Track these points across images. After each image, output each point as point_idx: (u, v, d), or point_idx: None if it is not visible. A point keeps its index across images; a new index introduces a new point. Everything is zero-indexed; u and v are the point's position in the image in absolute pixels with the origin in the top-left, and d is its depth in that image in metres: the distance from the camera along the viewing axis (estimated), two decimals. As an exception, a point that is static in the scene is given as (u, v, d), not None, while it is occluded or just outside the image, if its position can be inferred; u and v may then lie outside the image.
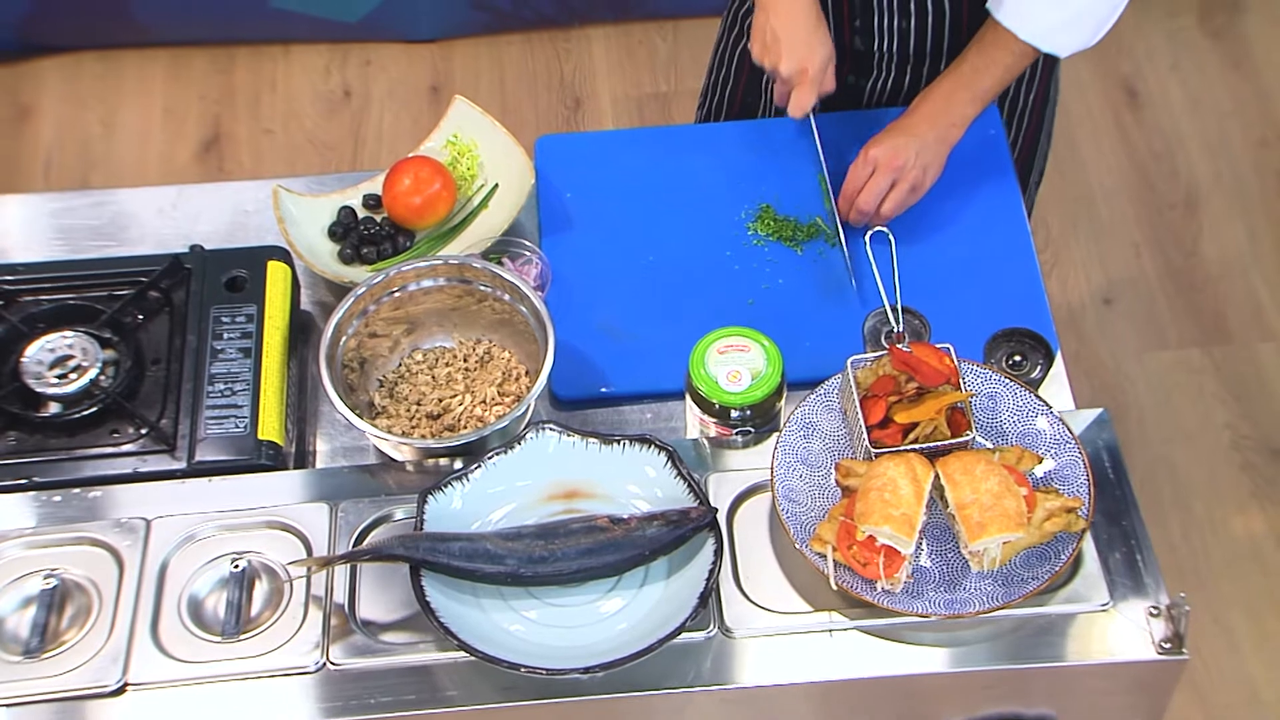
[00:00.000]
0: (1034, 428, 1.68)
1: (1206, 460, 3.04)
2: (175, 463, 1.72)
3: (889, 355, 1.66)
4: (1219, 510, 2.98)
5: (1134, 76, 3.72)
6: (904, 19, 2.04)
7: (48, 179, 3.58)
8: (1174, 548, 2.93)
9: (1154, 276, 3.33)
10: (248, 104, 3.72)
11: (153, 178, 3.56)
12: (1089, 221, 3.43)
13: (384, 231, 1.99)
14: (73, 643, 1.59)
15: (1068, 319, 3.26)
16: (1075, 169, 3.53)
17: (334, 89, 3.74)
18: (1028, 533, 1.56)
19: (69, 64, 3.81)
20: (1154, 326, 3.25)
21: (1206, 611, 2.84)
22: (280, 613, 1.60)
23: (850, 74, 2.13)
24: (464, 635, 1.52)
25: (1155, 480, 3.02)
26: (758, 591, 1.61)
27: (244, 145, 3.63)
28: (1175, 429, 3.09)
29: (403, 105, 3.68)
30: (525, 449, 1.67)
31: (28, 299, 1.87)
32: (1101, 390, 3.14)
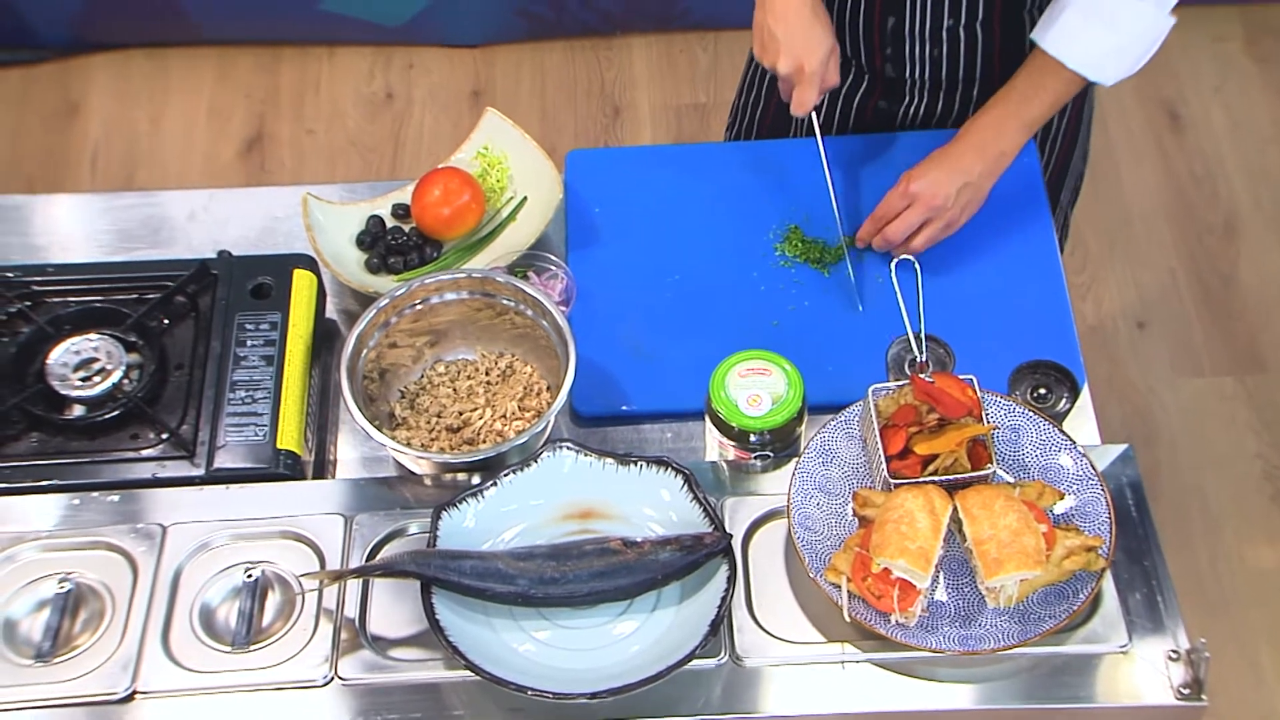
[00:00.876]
0: (1056, 462, 1.64)
1: (1237, 490, 2.98)
2: (194, 469, 1.70)
3: (911, 385, 1.62)
4: (1248, 541, 2.92)
5: (1177, 99, 3.65)
6: (935, 47, 1.99)
7: (94, 175, 3.59)
8: (1201, 577, 2.87)
9: (1189, 301, 3.26)
10: (292, 104, 3.70)
11: (196, 176, 3.56)
12: (1126, 243, 3.37)
13: (412, 242, 1.97)
14: (84, 648, 1.57)
15: (1101, 341, 3.21)
16: (1114, 190, 3.47)
17: (377, 91, 3.72)
18: (1046, 571, 1.52)
19: (119, 61, 3.82)
20: (1188, 352, 3.19)
21: (1232, 643, 2.78)
22: (291, 624, 1.58)
23: (882, 99, 2.09)
24: (472, 655, 1.49)
25: (1185, 508, 2.96)
26: (771, 620, 1.58)
27: (286, 145, 3.62)
28: (1206, 457, 3.03)
29: (443, 109, 3.66)
30: (541, 467, 1.64)
31: (55, 300, 1.85)
32: (1133, 415, 3.08)
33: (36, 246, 2.01)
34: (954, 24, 1.96)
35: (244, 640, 1.56)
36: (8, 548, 1.63)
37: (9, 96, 3.77)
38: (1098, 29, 1.82)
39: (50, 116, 3.73)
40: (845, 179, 2.03)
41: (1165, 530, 2.86)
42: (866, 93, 2.07)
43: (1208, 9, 3.75)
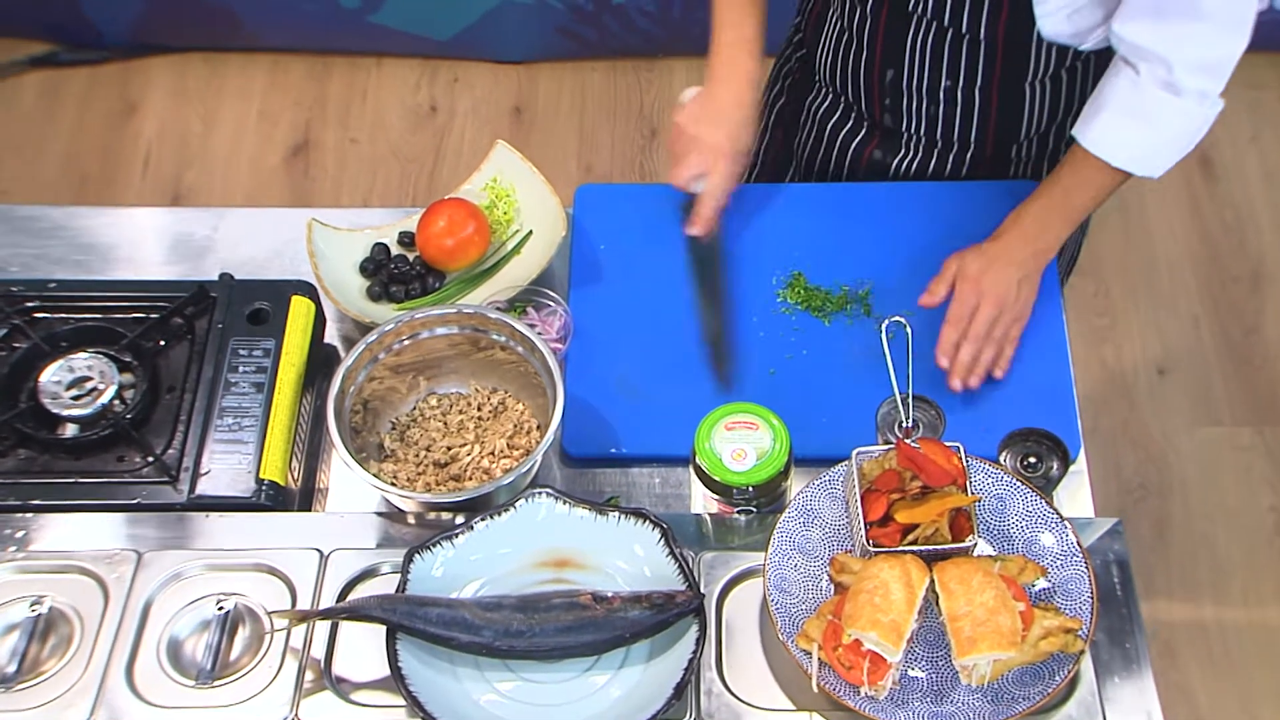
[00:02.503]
0: (1040, 536, 1.53)
1: (1248, 543, 2.85)
2: (176, 495, 1.63)
3: (896, 449, 1.52)
4: (1256, 596, 2.79)
5: (1210, 146, 3.51)
6: (932, 104, 1.89)
7: (145, 174, 3.54)
8: (1206, 630, 2.74)
9: (1211, 350, 3.13)
10: (338, 113, 3.64)
11: (241, 179, 3.50)
12: (1150, 289, 3.24)
13: (415, 271, 1.89)
14: (50, 674, 1.50)
15: (1120, 386, 3.08)
16: (1142, 234, 3.34)
17: (421, 103, 3.65)
18: (1021, 652, 1.42)
19: (176, 64, 3.77)
20: (1207, 401, 3.06)
21: (1235, 699, 2.66)
22: (258, 661, 1.50)
23: (878, 149, 1.98)
24: (432, 706, 1.41)
25: (1194, 559, 2.84)
26: (739, 683, 1.48)
27: (330, 153, 3.55)
28: (1219, 508, 2.90)
29: (485, 123, 3.58)
30: (518, 514, 1.55)
31: (54, 317, 1.78)
32: (1147, 462, 2.96)
33: (47, 259, 1.94)
34: (951, 85, 1.85)
35: (208, 676, 1.49)
36: (-18, 567, 1.57)
37: (74, 95, 3.73)
38: (1140, 128, 1.68)
39: (109, 115, 3.68)
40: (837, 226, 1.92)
41: (1173, 580, 2.78)
42: (863, 141, 1.96)
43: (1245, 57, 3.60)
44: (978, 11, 1.76)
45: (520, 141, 3.54)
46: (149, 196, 3.47)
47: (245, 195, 3.46)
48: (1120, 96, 1.67)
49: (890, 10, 1.82)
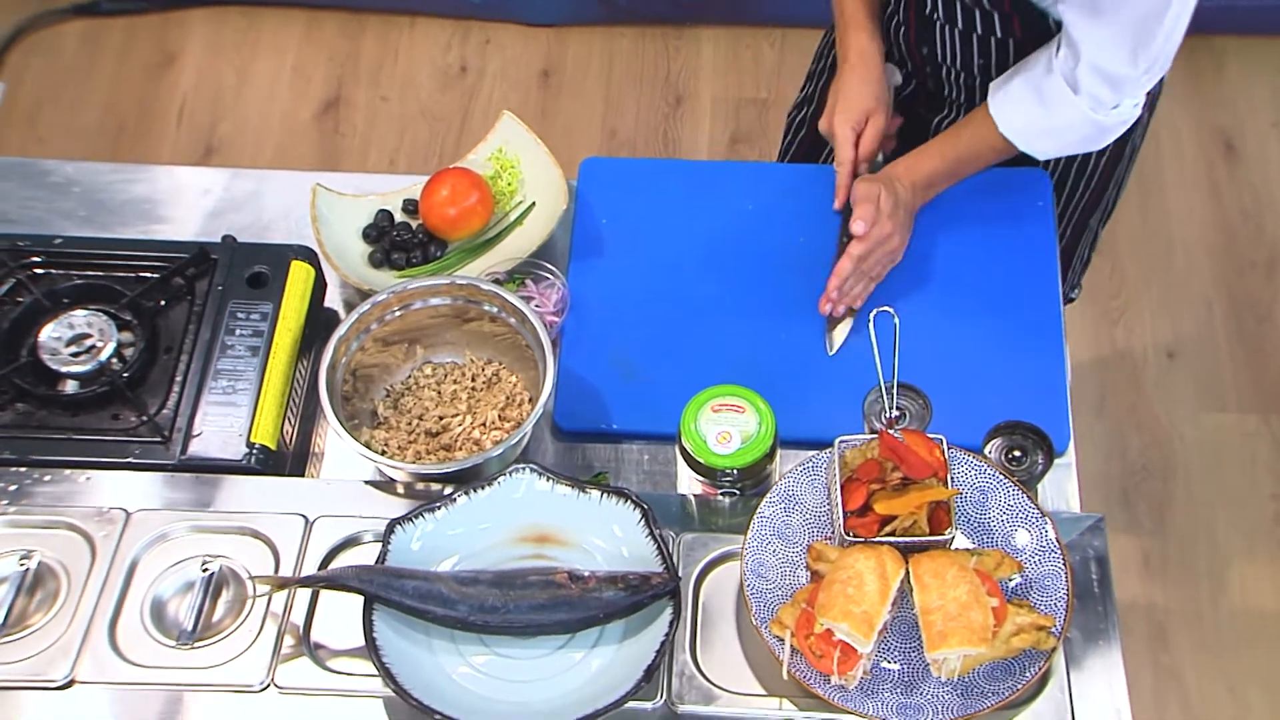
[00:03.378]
0: (1020, 530, 1.49)
1: (1248, 529, 2.79)
2: (167, 456, 1.60)
3: (879, 439, 1.48)
4: (1252, 581, 2.73)
5: (1233, 130, 3.42)
6: (969, 77, 1.87)
7: (179, 125, 3.50)
8: (1201, 614, 2.69)
9: (1222, 336, 3.06)
10: (370, 70, 3.59)
11: (273, 133, 3.46)
12: (1165, 272, 3.16)
13: (417, 239, 1.85)
14: (36, 628, 1.49)
15: (1129, 368, 3.01)
16: (1159, 216, 3.25)
17: (451, 63, 3.60)
18: (992, 647, 1.38)
19: (214, 16, 3.72)
20: (1215, 387, 2.98)
21: (1223, 682, 2.61)
22: (238, 624, 1.48)
23: (923, 107, 1.98)
24: (405, 677, 1.38)
25: (1193, 543, 2.78)
26: (712, 666, 1.45)
27: (360, 110, 3.51)
28: (1221, 493, 2.84)
29: (513, 86, 3.52)
30: (499, 489, 1.52)
31: (58, 273, 1.75)
32: (1151, 445, 2.89)
33: (58, 214, 1.91)
34: (985, 63, 1.82)
35: (189, 637, 1.47)
36: (-26, 520, 1.55)
37: (113, 45, 3.69)
38: (1035, 108, 1.70)
39: (147, 66, 3.64)
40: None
41: (1170, 563, 2.73)
42: (911, 95, 1.97)
43: (1271, 41, 3.51)
44: (988, 19, 1.75)
45: (547, 105, 3.50)
46: (182, 148, 3.44)
47: (276, 150, 3.42)
48: (1033, 71, 1.70)
49: (915, 12, 1.82)
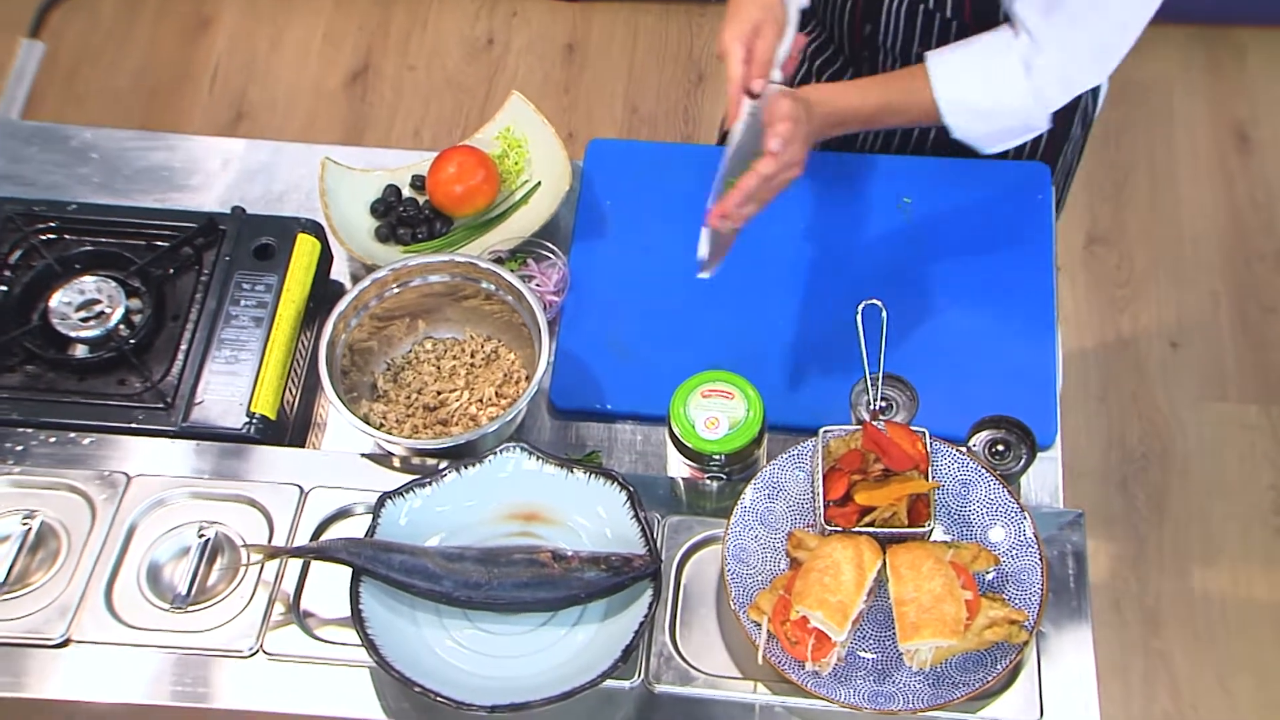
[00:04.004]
0: (999, 524, 1.47)
1: (1244, 519, 2.76)
2: (169, 423, 1.60)
3: (862, 430, 1.46)
4: (1245, 571, 2.70)
5: (1249, 121, 3.36)
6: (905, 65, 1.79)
7: (211, 89, 3.49)
8: (1192, 602, 2.67)
9: (1227, 327, 3.01)
10: (399, 40, 3.57)
11: (302, 100, 3.45)
12: (1173, 261, 3.12)
13: (423, 215, 1.84)
14: (36, 586, 1.49)
15: (1133, 356, 2.98)
16: (1171, 206, 3.21)
17: (479, 35, 3.57)
18: (964, 640, 1.36)
19: (252, -22, 3.71)
20: (1217, 377, 2.95)
21: (1213, 670, 2.59)
22: (231, 590, 1.48)
23: None
24: (388, 649, 1.38)
25: (1188, 531, 2.75)
26: (690, 647, 1.44)
27: (388, 79, 3.49)
28: (1218, 483, 2.80)
29: (538, 59, 3.50)
30: (489, 467, 1.51)
31: (70, 238, 1.75)
32: (1151, 433, 2.86)
33: (74, 179, 1.91)
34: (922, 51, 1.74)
35: (183, 601, 1.47)
36: (-21, 480, 1.55)
37: (151, 7, 3.68)
38: (978, 83, 1.63)
39: (184, 29, 3.63)
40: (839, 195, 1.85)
41: (1165, 550, 2.70)
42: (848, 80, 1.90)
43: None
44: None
45: (570, 79, 3.47)
46: (213, 112, 3.43)
47: (304, 117, 3.41)
48: (987, 45, 1.63)
49: None
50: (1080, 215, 3.18)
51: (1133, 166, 3.28)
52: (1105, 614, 2.65)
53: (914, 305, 1.73)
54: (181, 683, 1.43)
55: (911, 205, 1.83)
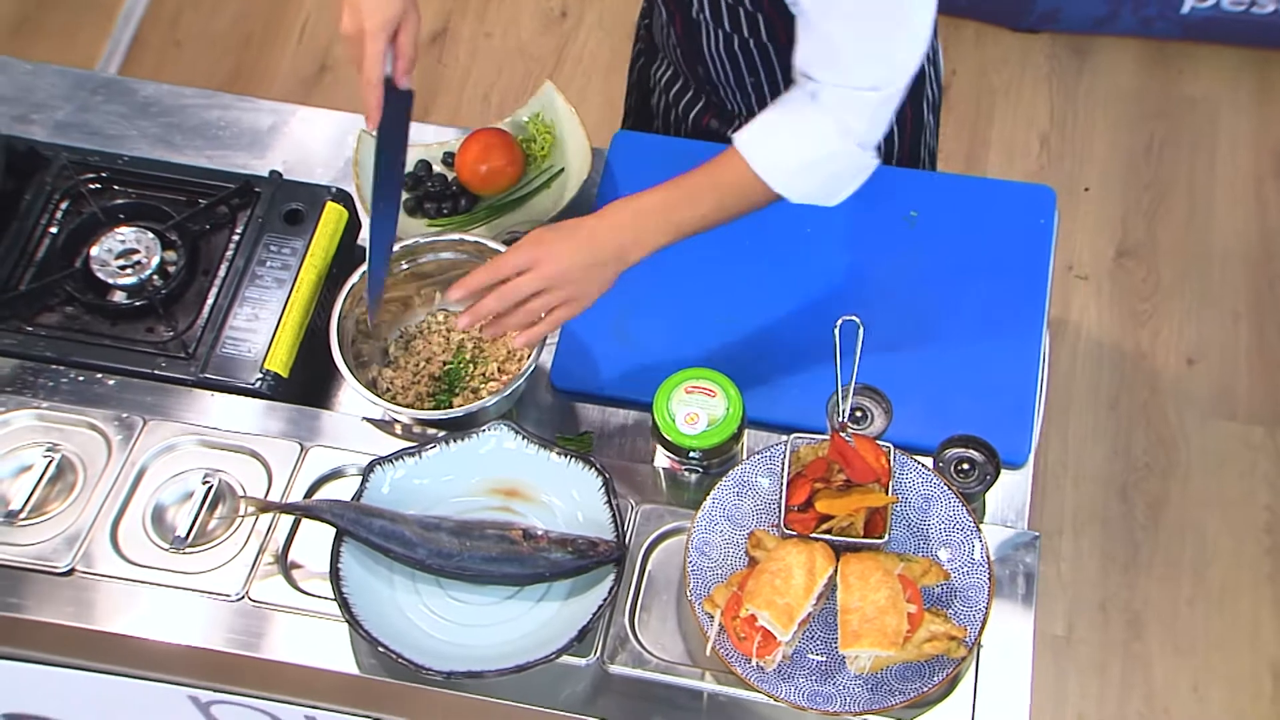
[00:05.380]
0: (955, 540, 1.43)
1: (1236, 535, 2.69)
2: (188, 372, 1.61)
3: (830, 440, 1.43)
4: (1232, 585, 2.63)
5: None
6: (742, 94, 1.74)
7: (299, 42, 3.49)
8: (1177, 611, 2.61)
9: (1244, 348, 2.92)
10: (478, 6, 3.54)
11: (381, 57, 3.43)
12: (1199, 280, 3.02)
13: (450, 191, 1.82)
14: (48, 517, 1.51)
15: (1148, 369, 2.90)
16: (1203, 226, 3.10)
17: (554, 7, 3.53)
18: (903, 651, 1.34)
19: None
20: (1228, 396, 2.86)
21: (1189, 678, 2.53)
22: (227, 536, 1.49)
23: (714, 119, 1.86)
24: (360, 608, 1.39)
25: (1179, 542, 2.68)
26: (647, 632, 1.43)
27: (464, 44, 3.47)
28: (1215, 498, 2.73)
29: (607, 35, 3.45)
30: (475, 442, 1.50)
31: (118, 189, 1.76)
32: (1156, 444, 2.79)
33: (133, 131, 1.92)
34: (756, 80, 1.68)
35: (181, 542, 1.48)
36: (10, 411, 1.57)
37: (253, -41, 3.69)
38: (783, 135, 1.46)
39: (276, -19, 3.64)
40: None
41: (1155, 559, 2.64)
42: (702, 110, 1.85)
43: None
44: (753, 20, 1.61)
45: (635, 55, 3.42)
46: (299, 64, 3.43)
47: (382, 73, 3.40)
48: (780, 101, 1.47)
49: (680, 16, 1.69)
50: (1113, 227, 3.09)
51: (1171, 182, 3.17)
52: (1091, 613, 2.61)
53: (907, 316, 1.70)
54: (170, 620, 1.44)
55: (918, 219, 1.79)
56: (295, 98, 3.34)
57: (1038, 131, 3.24)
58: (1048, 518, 2.70)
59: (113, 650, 1.48)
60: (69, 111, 1.94)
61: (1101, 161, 3.20)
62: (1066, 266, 3.04)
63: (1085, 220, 3.10)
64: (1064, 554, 2.67)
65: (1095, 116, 3.26)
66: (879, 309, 1.70)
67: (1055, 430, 2.80)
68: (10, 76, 1.99)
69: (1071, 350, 2.94)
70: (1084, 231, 3.08)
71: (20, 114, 1.94)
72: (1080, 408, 2.85)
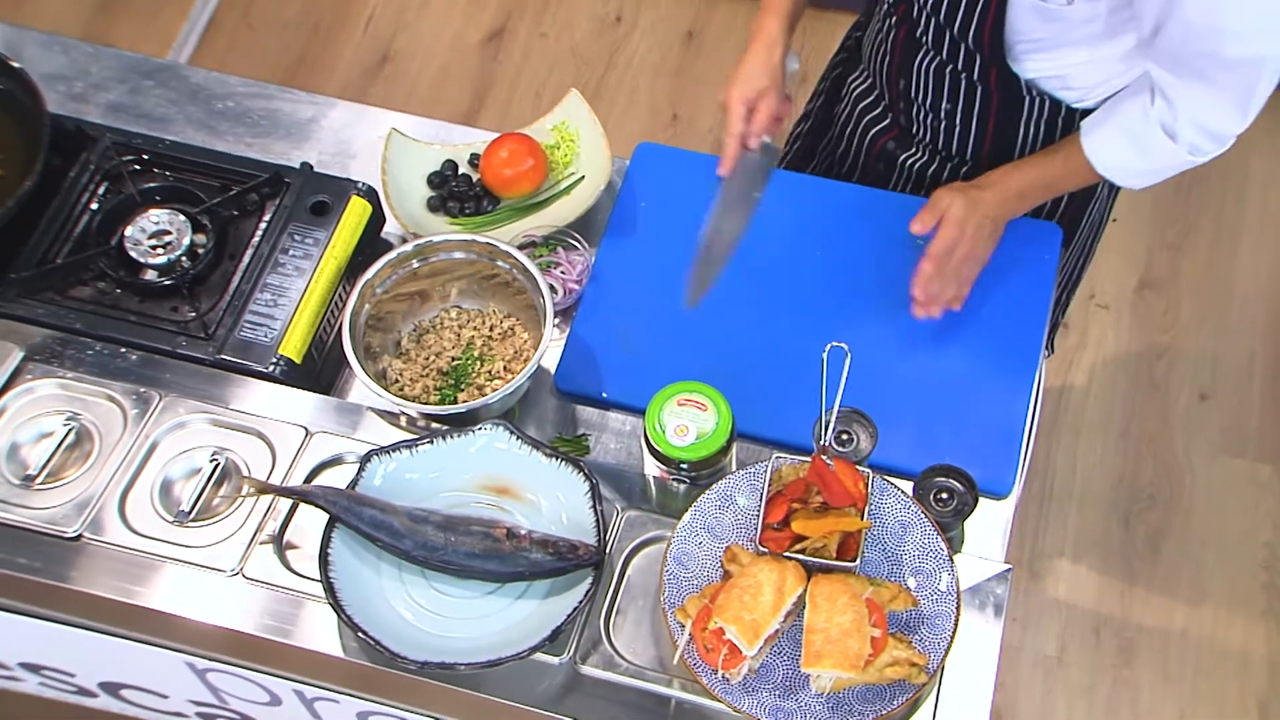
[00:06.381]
0: (927, 569, 1.41)
1: (1233, 569, 2.63)
2: (206, 353, 1.61)
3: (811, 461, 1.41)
4: (1225, 617, 2.57)
5: (1319, 191, 3.15)
6: (935, 119, 1.75)
7: (365, 31, 3.49)
8: (1169, 640, 2.55)
9: (1258, 387, 2.85)
10: (537, 6, 3.52)
11: (441, 52, 3.43)
12: (1218, 316, 2.95)
13: (474, 191, 1.81)
14: (63, 483, 1.52)
15: (1160, 402, 2.84)
16: (1226, 263, 3.03)
17: (609, 12, 3.51)
18: (864, 674, 1.32)
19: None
20: (1238, 433, 2.79)
21: (1174, 704, 2.49)
22: (228, 514, 1.49)
23: (892, 141, 1.85)
24: (344, 593, 1.38)
25: (1178, 573, 2.63)
26: (620, 636, 1.42)
27: (520, 43, 3.45)
28: (1217, 532, 2.67)
29: (657, 41, 3.43)
30: (468, 439, 1.49)
31: (157, 171, 1.76)
32: (1162, 476, 2.73)
33: (177, 114, 1.92)
34: (951, 108, 1.71)
35: (185, 516, 1.48)
36: (36, 379, 1.58)
37: (329, -52, 3.69)
38: (1132, 151, 1.58)
39: (352, -31, 3.64)
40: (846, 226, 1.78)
41: (1153, 588, 2.59)
42: (883, 129, 1.85)
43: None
44: (970, 57, 1.61)
45: (684, 64, 3.39)
46: (362, 53, 3.44)
47: (439, 69, 3.39)
48: (1128, 118, 1.56)
49: (905, 31, 1.68)
50: (1138, 258, 3.03)
51: (1199, 219, 3.10)
52: (1083, 636, 2.56)
53: (905, 341, 1.67)
54: (168, 590, 1.45)
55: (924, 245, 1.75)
56: (356, 86, 3.38)
57: (1070, 161, 3.17)
58: (1049, 539, 2.66)
59: (115, 615, 1.49)
60: (121, 93, 1.95)
61: (1131, 193, 3.08)
62: (1088, 295, 2.98)
63: (1110, 250, 3.03)
64: (1062, 575, 2.63)
65: (1129, 149, 3.18)
66: (878, 332, 1.68)
67: (1064, 454, 2.75)
68: (71, 57, 2.00)
69: (1087, 376, 2.88)
70: (1108, 261, 3.01)
71: (77, 93, 1.95)
72: (1090, 434, 2.80)
